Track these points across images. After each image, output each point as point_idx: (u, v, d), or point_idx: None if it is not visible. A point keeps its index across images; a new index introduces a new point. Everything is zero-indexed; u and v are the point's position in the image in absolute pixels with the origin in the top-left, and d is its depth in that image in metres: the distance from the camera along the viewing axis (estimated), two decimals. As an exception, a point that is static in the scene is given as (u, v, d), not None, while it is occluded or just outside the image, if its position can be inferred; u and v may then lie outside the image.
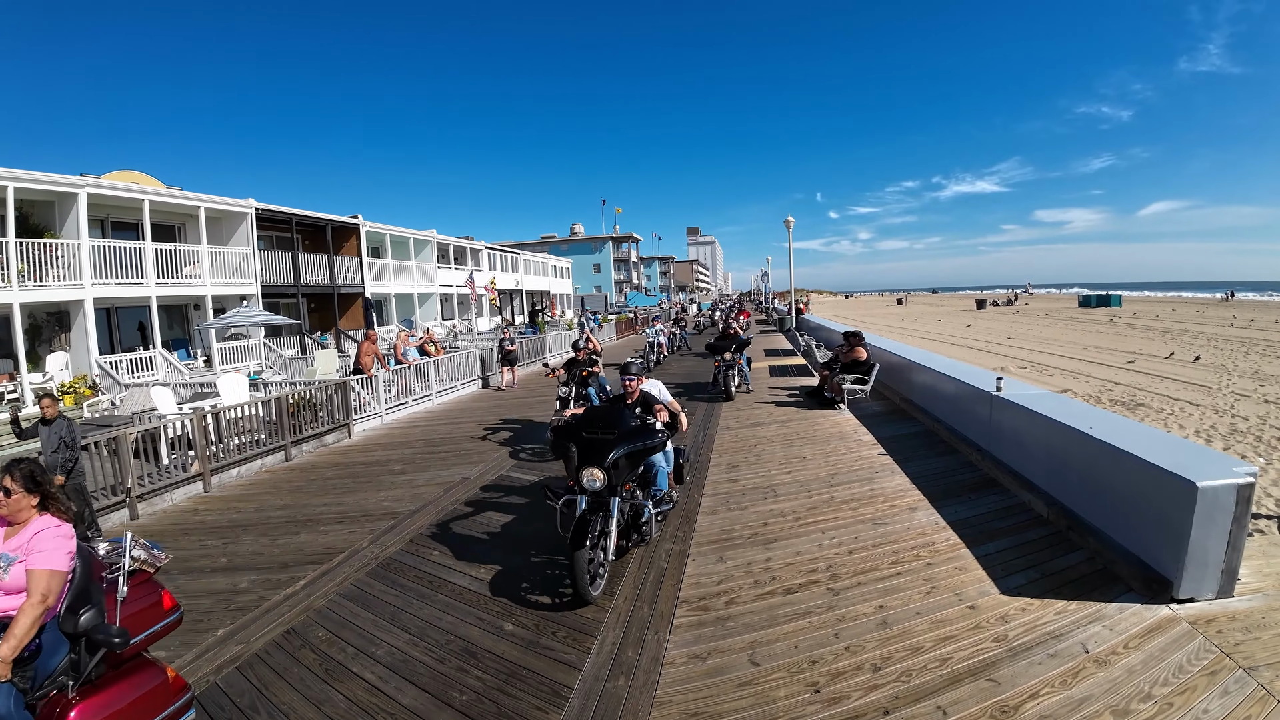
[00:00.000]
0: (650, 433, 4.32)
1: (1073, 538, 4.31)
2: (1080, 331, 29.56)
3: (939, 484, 5.67)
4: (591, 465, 3.96)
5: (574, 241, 60.71)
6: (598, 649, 3.41)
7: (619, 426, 4.24)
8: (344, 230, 21.93)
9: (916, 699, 2.82)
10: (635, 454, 4.16)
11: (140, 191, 14.91)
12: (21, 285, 11.85)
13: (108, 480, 6.18)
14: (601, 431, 4.18)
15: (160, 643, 3.70)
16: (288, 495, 6.87)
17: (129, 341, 15.52)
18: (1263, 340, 23.02)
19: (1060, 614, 3.42)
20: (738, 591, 3.95)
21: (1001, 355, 21.19)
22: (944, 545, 4.40)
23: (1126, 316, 38.86)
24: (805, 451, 7.08)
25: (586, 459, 4.03)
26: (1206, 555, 3.37)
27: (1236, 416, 11.27)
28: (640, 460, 4.30)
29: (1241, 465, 3.44)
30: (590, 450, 4.06)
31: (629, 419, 4.40)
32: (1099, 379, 15.71)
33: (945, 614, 3.50)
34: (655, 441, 4.26)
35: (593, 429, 4.23)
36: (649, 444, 4.21)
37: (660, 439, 4.32)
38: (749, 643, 3.37)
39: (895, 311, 56.85)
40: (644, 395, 5.15)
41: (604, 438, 4.11)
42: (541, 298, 42.42)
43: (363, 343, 11.71)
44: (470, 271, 28.27)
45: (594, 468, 3.93)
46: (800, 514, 5.19)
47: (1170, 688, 2.78)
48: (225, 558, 5.13)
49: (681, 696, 2.98)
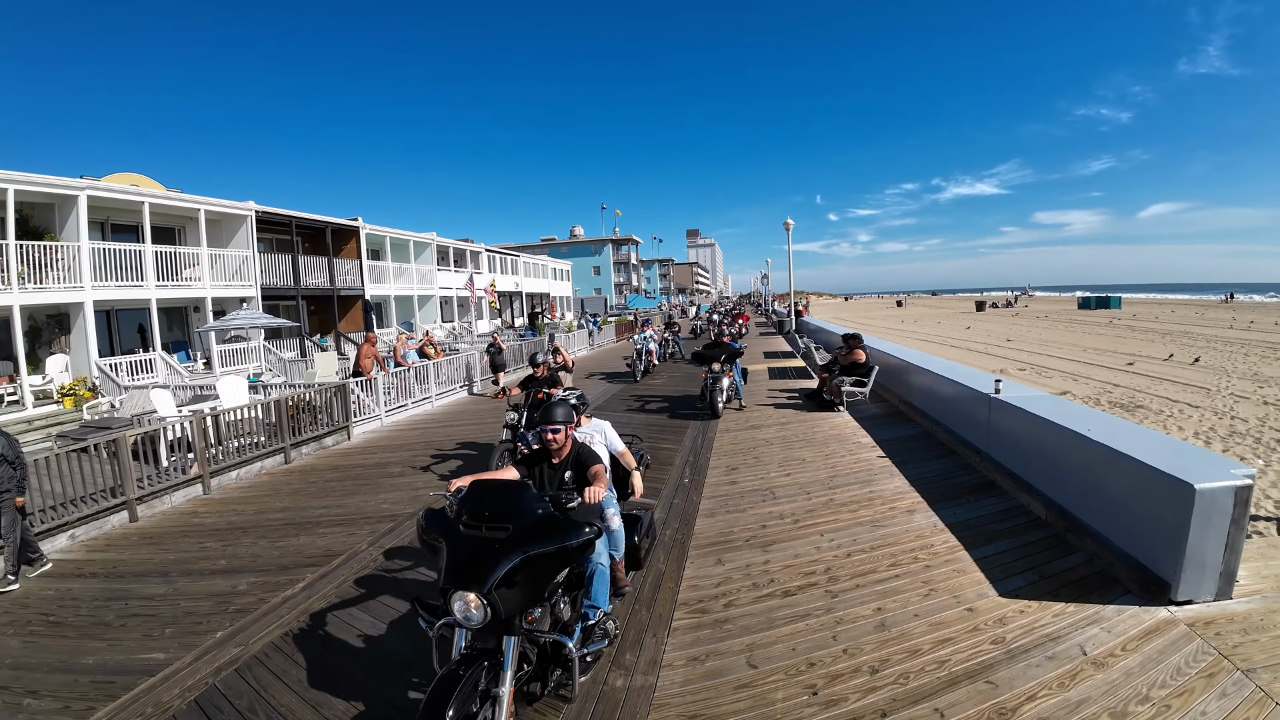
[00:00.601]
0: (569, 528, 2.67)
1: (1071, 540, 4.32)
2: (1079, 333, 29.56)
3: (937, 486, 5.68)
4: (465, 585, 2.42)
5: (574, 244, 60.75)
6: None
7: (517, 517, 2.64)
8: (344, 233, 21.95)
9: (914, 701, 2.83)
10: (542, 563, 2.60)
11: (140, 194, 14.92)
12: (21, 287, 11.85)
13: (107, 483, 6.18)
14: (487, 526, 2.60)
15: (160, 643, 3.73)
16: (287, 498, 6.87)
17: (129, 344, 15.52)
18: (1262, 342, 23.02)
19: (1058, 616, 3.43)
20: (736, 594, 3.95)
21: (1001, 357, 21.19)
22: (942, 547, 4.41)
23: (1126, 318, 38.89)
24: (804, 454, 7.08)
25: (458, 573, 2.47)
26: (1204, 557, 3.38)
27: (1236, 418, 11.28)
28: (556, 570, 2.76)
29: (1240, 467, 3.45)
30: (466, 558, 2.51)
31: (534, 504, 2.74)
32: (1098, 381, 15.72)
33: (943, 616, 3.51)
34: (575, 542, 2.64)
35: (475, 520, 2.64)
36: (566, 546, 2.62)
37: (587, 536, 2.68)
38: (747, 645, 3.37)
39: (895, 314, 56.87)
40: (578, 453, 3.50)
41: (488, 537, 2.57)
42: (541, 300, 42.45)
43: (362, 345, 11.73)
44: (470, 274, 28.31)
45: (468, 590, 2.40)
46: (799, 516, 5.19)
47: (1168, 690, 2.78)
48: (224, 560, 5.13)
49: (679, 699, 2.98)
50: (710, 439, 8.05)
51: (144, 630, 3.97)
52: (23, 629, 4.10)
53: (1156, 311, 45.22)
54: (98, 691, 3.30)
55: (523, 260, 39.96)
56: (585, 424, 4.17)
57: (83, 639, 3.91)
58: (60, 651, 3.76)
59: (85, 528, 5.87)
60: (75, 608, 4.39)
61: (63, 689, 3.35)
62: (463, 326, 28.23)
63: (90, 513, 5.92)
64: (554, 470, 3.48)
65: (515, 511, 2.68)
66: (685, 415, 9.68)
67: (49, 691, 3.34)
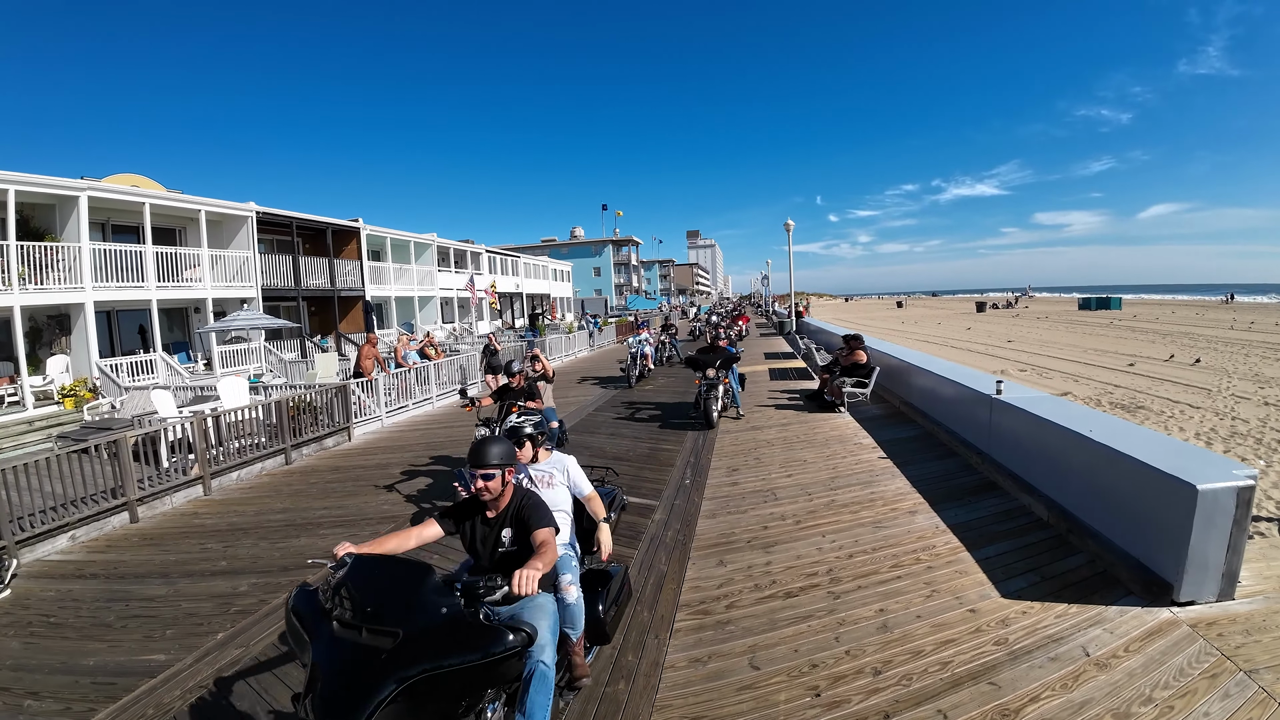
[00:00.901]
0: (485, 638, 1.96)
1: (1073, 541, 4.31)
2: (1080, 334, 29.55)
3: (939, 487, 5.67)
4: (330, 714, 1.74)
5: (574, 245, 60.80)
6: (597, 652, 3.40)
7: (410, 618, 1.91)
8: (344, 233, 21.97)
9: (917, 702, 2.82)
10: (448, 684, 1.87)
11: (141, 195, 14.93)
12: (22, 288, 11.86)
13: (107, 483, 6.18)
14: (368, 628, 1.89)
15: (160, 644, 3.72)
16: (288, 498, 6.86)
17: (129, 344, 15.54)
18: (1263, 343, 23.01)
19: (1061, 617, 3.42)
20: (738, 595, 3.94)
21: (1001, 358, 21.18)
22: (944, 548, 4.40)
23: (1126, 319, 38.88)
24: (805, 455, 7.08)
25: (322, 701, 1.78)
26: (1207, 558, 3.37)
27: (1237, 419, 11.27)
28: (468, 692, 2.01)
29: (1241, 468, 3.44)
30: (333, 676, 1.83)
31: (436, 600, 1.97)
32: (1099, 382, 15.71)
33: (946, 617, 3.50)
34: (491, 657, 1.93)
35: (354, 619, 1.91)
36: (478, 664, 1.91)
37: (509, 649, 1.98)
38: (749, 646, 3.37)
39: (895, 314, 56.87)
40: (520, 506, 2.65)
41: (368, 644, 1.86)
42: (542, 301, 42.47)
43: (363, 346, 11.73)
44: (470, 275, 28.32)
45: None
46: (800, 517, 5.19)
47: (1171, 691, 2.78)
48: (225, 561, 5.13)
49: (682, 701, 2.97)
50: (711, 440, 8.05)
51: (145, 631, 3.96)
52: (23, 630, 4.10)
53: (1157, 312, 45.21)
54: (98, 693, 3.30)
55: (523, 261, 39.99)
56: (544, 458, 3.38)
57: (83, 640, 3.90)
58: (61, 653, 3.76)
59: (86, 528, 5.87)
60: (76, 609, 4.38)
61: (63, 690, 3.34)
62: (463, 327, 28.24)
63: (91, 514, 5.91)
64: (488, 527, 2.66)
65: (408, 610, 1.90)
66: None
67: (50, 693, 3.33)
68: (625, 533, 5.11)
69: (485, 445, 2.63)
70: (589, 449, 7.94)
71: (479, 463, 2.59)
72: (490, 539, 2.67)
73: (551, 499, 3.07)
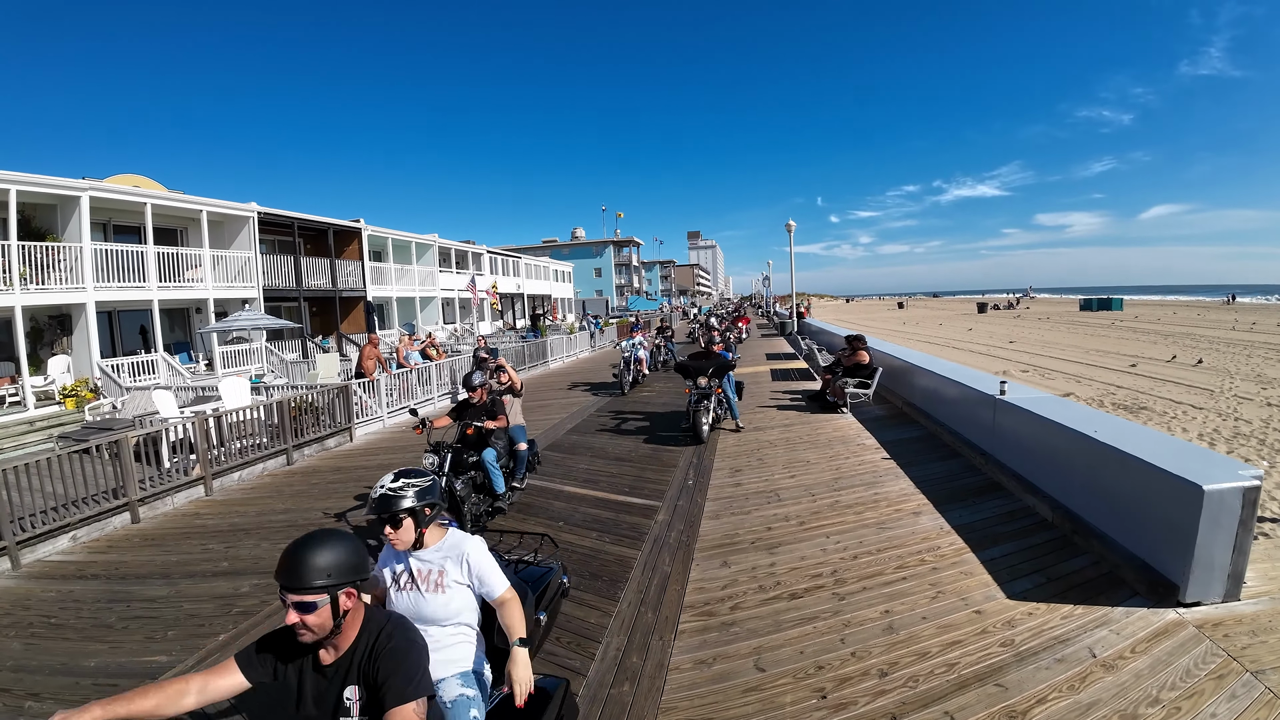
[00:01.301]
0: None
1: (1077, 542, 4.29)
2: (1082, 335, 29.53)
3: (943, 488, 5.65)
4: None
5: (575, 246, 60.80)
6: (601, 655, 3.39)
7: None
8: (346, 234, 21.98)
9: (924, 704, 2.81)
10: None
11: (143, 195, 14.94)
12: (23, 288, 11.86)
13: (109, 484, 6.17)
14: None
15: (162, 645, 3.71)
16: (289, 499, 6.85)
17: (131, 345, 15.54)
18: (1265, 343, 22.99)
19: (1066, 618, 3.40)
20: (742, 596, 3.93)
21: (1003, 359, 21.16)
22: (949, 549, 4.39)
23: (1128, 320, 38.86)
24: (808, 455, 7.06)
25: None
26: (1212, 559, 3.35)
27: (1240, 420, 11.25)
28: None
29: (1247, 468, 3.42)
30: None
31: None
32: (1101, 382, 15.69)
33: (951, 619, 3.48)
34: None
35: None
36: None
37: None
38: (754, 648, 3.35)
39: (896, 315, 56.86)
40: (375, 654, 1.67)
41: None
42: (543, 302, 42.46)
43: (364, 346, 11.75)
44: (472, 275, 28.33)
45: None
46: (804, 518, 5.17)
47: (1178, 692, 2.76)
48: (227, 562, 5.11)
49: (687, 703, 2.96)
50: (713, 441, 8.03)
51: (146, 632, 3.95)
52: (24, 631, 4.08)
53: (1158, 313, 45.19)
54: (100, 694, 3.22)
55: (524, 262, 40.00)
56: (436, 539, 2.18)
57: (84, 641, 3.89)
58: (62, 653, 3.74)
59: (87, 529, 5.86)
60: (77, 609, 4.37)
61: (64, 691, 3.33)
62: (464, 328, 28.24)
63: (92, 514, 5.90)
64: (323, 678, 1.70)
65: None
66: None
67: (50, 694, 3.32)
68: (628, 534, 5.10)
69: (303, 550, 1.65)
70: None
71: (290, 582, 1.61)
72: (329, 696, 1.68)
73: (439, 609, 2.08)
